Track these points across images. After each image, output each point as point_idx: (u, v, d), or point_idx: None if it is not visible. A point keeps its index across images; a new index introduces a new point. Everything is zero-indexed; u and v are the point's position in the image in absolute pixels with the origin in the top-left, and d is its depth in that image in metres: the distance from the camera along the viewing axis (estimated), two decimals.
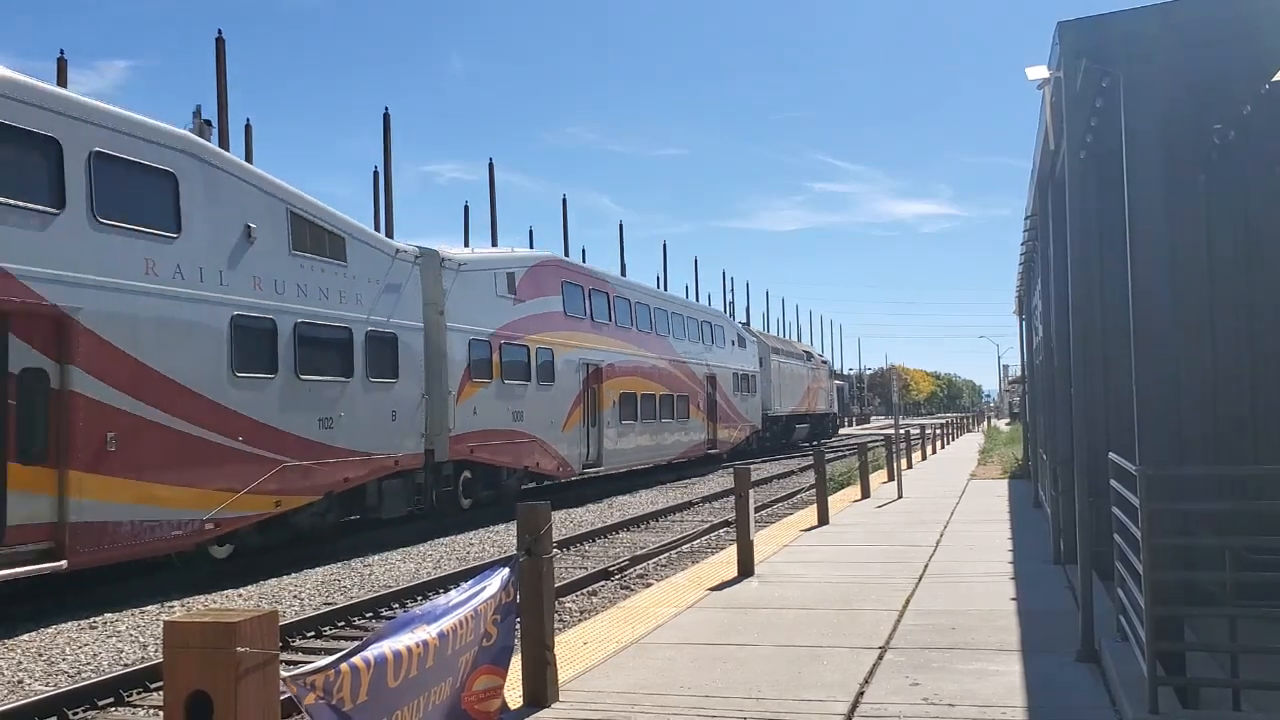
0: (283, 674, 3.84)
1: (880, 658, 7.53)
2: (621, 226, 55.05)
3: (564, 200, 52.15)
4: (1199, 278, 8.29)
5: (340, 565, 15.96)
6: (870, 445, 25.50)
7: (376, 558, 16.70)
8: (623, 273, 49.94)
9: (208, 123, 17.49)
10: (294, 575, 15.03)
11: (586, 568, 15.10)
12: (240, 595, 13.59)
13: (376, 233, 20.48)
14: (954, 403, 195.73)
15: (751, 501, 11.87)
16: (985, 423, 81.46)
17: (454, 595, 5.55)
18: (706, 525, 19.61)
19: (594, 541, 18.39)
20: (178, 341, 14.01)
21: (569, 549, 17.26)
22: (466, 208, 43.78)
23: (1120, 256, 6.77)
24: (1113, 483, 6.65)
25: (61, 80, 25.95)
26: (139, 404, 13.35)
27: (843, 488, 24.00)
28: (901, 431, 26.80)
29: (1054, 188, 10.12)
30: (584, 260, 39.08)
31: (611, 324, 28.88)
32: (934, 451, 39.81)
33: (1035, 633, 8.19)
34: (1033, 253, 15.21)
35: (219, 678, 3.49)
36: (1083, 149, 7.88)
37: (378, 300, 18.33)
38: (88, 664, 10.07)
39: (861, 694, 6.60)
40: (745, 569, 11.36)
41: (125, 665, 9.85)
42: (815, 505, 16.78)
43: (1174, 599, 5.77)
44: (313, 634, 11.13)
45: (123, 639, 11.07)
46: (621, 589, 13.57)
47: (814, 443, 51.81)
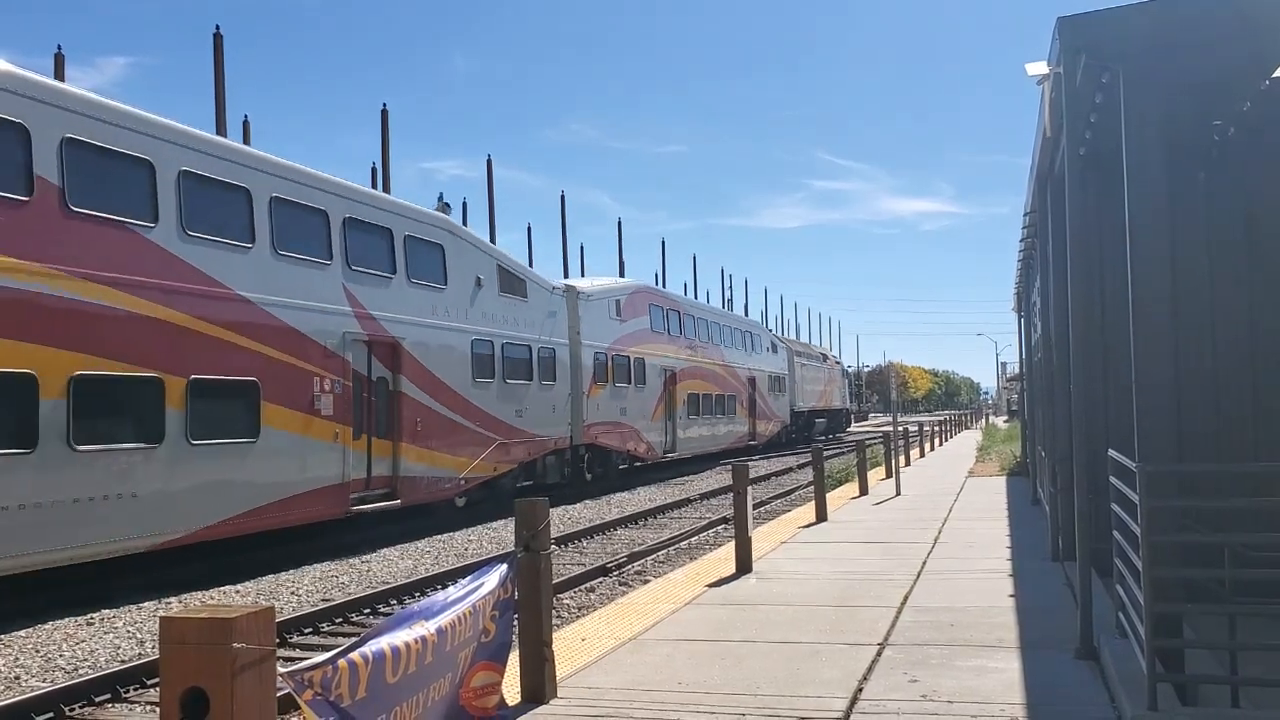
0: (280, 670, 3.82)
1: (878, 654, 7.52)
2: (620, 224, 55.11)
3: (562, 197, 52.03)
4: (1199, 274, 8.29)
5: (337, 562, 15.95)
6: (868, 442, 25.52)
7: (373, 554, 16.69)
8: (621, 270, 50.41)
9: (446, 205, 23.77)
10: (291, 572, 15.02)
11: (585, 564, 15.09)
12: (237, 591, 13.58)
13: (541, 274, 26.58)
14: (952, 400, 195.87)
15: (750, 498, 11.86)
16: (983, 420, 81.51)
17: (452, 591, 5.53)
18: (704, 522, 19.61)
19: (592, 538, 18.39)
20: (446, 358, 20.42)
21: (567, 546, 17.25)
22: (465, 204, 43.83)
23: (1120, 253, 6.75)
24: (1112, 479, 6.64)
25: (59, 75, 25.90)
26: (431, 400, 19.83)
27: (841, 485, 24.01)
28: (900, 429, 26.89)
29: (1053, 184, 10.10)
30: (582, 258, 44.13)
31: (682, 337, 35.63)
32: (932, 449, 39.84)
33: (1034, 630, 8.18)
34: (1032, 250, 15.20)
35: (215, 674, 3.47)
36: (1082, 145, 7.86)
37: (543, 325, 25.05)
38: (85, 660, 10.06)
39: (860, 691, 6.59)
40: (743, 566, 11.35)
41: (122, 661, 9.83)
42: (813, 502, 16.78)
43: (1173, 596, 5.76)
44: (310, 630, 11.12)
45: (119, 635, 11.06)
46: (620, 586, 13.56)
47: (830, 435, 59.84)
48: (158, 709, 4.79)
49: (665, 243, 58.12)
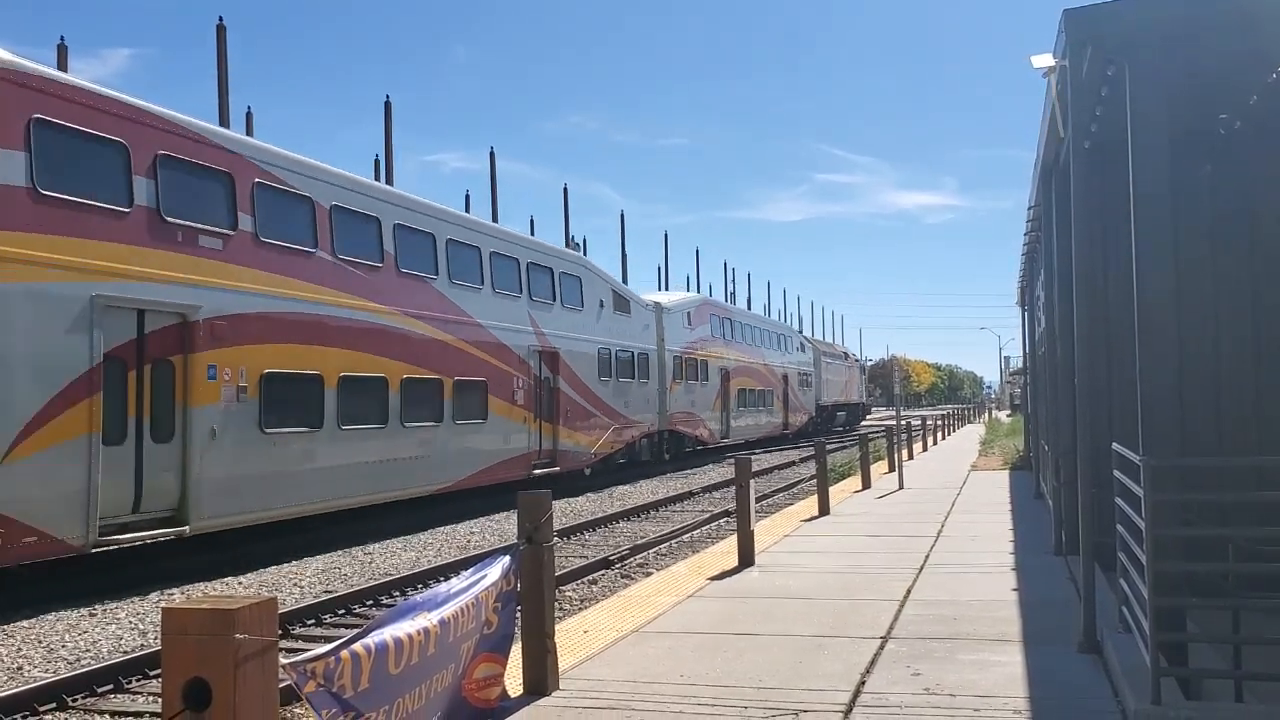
0: (282, 661, 3.82)
1: (881, 648, 7.51)
2: (623, 216, 54.95)
3: (565, 190, 52.09)
4: (1204, 268, 8.27)
5: (340, 553, 15.96)
6: (871, 436, 25.50)
7: (376, 546, 16.70)
8: (623, 262, 50.64)
9: (578, 244, 30.36)
10: (294, 563, 15.03)
11: (587, 556, 15.09)
12: (240, 583, 13.59)
13: (638, 294, 33.56)
14: (955, 394, 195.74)
15: (752, 491, 11.85)
16: (986, 414, 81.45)
17: (455, 583, 5.53)
18: (707, 515, 19.61)
19: (594, 530, 18.39)
20: (583, 362, 27.00)
21: (569, 538, 17.25)
22: (468, 196, 43.94)
23: (1124, 246, 6.73)
24: (1116, 473, 6.63)
25: (62, 67, 25.87)
26: (575, 394, 26.36)
27: (844, 478, 24.00)
28: (902, 423, 26.95)
29: (1058, 177, 10.07)
30: (585, 252, 44.99)
31: (734, 341, 42.29)
32: (935, 443, 39.81)
33: (1037, 623, 8.18)
34: (1036, 243, 15.17)
35: (217, 665, 3.47)
36: (1087, 138, 7.84)
37: (640, 334, 31.47)
38: (87, 651, 10.07)
39: (863, 684, 6.59)
40: (746, 559, 11.35)
41: (125, 652, 9.84)
42: (816, 496, 16.77)
43: (1177, 590, 5.75)
44: (313, 622, 11.12)
45: (122, 626, 11.07)
46: (622, 578, 13.56)
47: (848, 426, 65.62)
48: (160, 699, 4.79)
49: (668, 236, 58.30)
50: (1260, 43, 6.69)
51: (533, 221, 67.09)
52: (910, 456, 29.53)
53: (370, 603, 12.07)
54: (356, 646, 4.37)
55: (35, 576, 12.80)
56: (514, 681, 6.40)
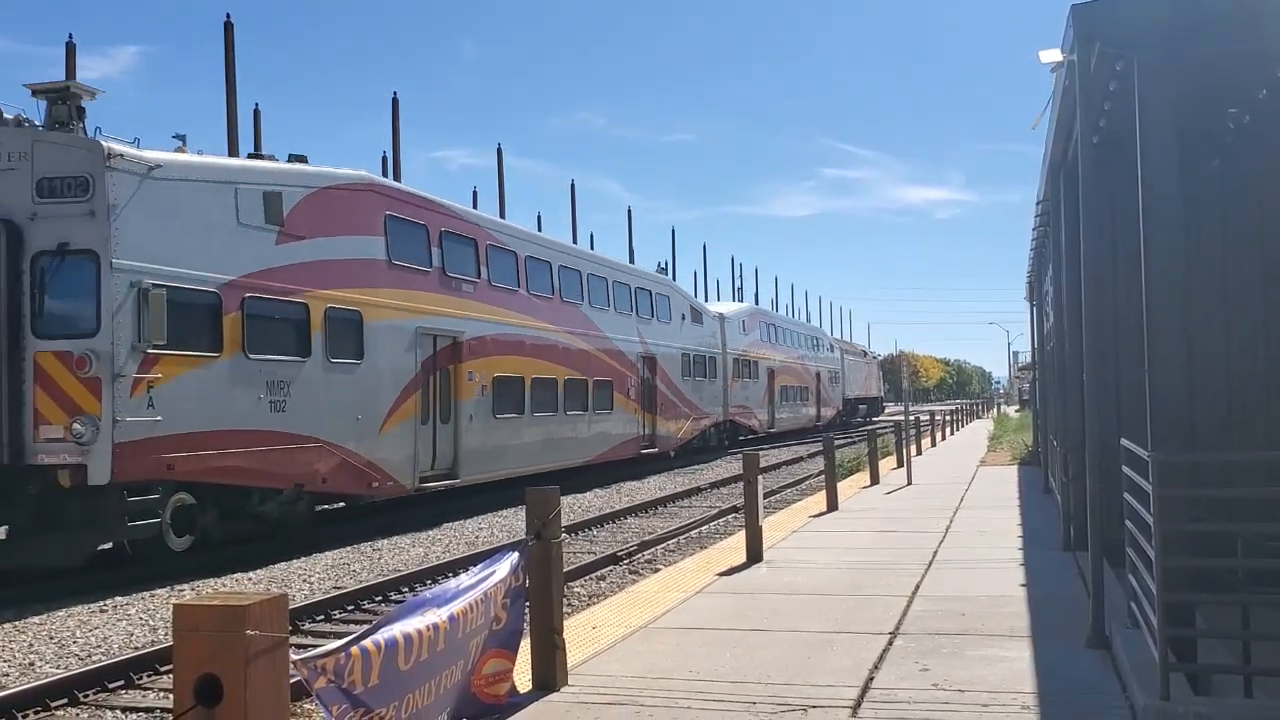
0: (293, 657, 3.84)
1: (890, 643, 7.52)
2: (630, 212, 55.06)
3: (572, 185, 51.94)
4: (1213, 263, 8.25)
5: (349, 549, 16.00)
6: (880, 432, 25.50)
7: (385, 542, 16.74)
8: (630, 259, 50.63)
9: (664, 268, 38.98)
10: (302, 560, 15.07)
11: (595, 553, 15.11)
12: (249, 579, 13.63)
13: (707, 305, 41.95)
14: (964, 389, 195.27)
15: (760, 487, 11.85)
16: (995, 409, 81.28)
17: (464, 579, 5.55)
18: (715, 511, 19.61)
19: (602, 527, 18.41)
20: (671, 364, 32.94)
21: (577, 534, 17.27)
22: (475, 193, 43.98)
23: (1133, 241, 6.72)
24: (1124, 469, 6.62)
25: (70, 64, 25.91)
26: (667, 390, 32.26)
27: (852, 474, 23.98)
28: (911, 418, 26.97)
29: (1066, 173, 10.05)
30: (592, 246, 47.03)
31: (778, 344, 48.25)
32: (943, 438, 39.75)
33: (1045, 619, 8.17)
34: (1044, 238, 15.14)
35: (228, 661, 3.49)
36: (1096, 133, 7.82)
37: (708, 340, 37.56)
38: (98, 647, 10.11)
39: (871, 679, 6.59)
40: (754, 555, 11.35)
41: (135, 648, 9.88)
42: (824, 491, 16.77)
43: (1185, 585, 5.74)
44: (322, 618, 11.16)
45: (133, 622, 11.11)
46: (630, 574, 13.57)
47: (868, 419, 70.05)
48: (171, 695, 4.81)
49: (675, 231, 58.53)
50: (1268, 38, 6.66)
51: (540, 218, 67.02)
52: (919, 452, 29.50)
53: (379, 599, 12.10)
54: (366, 643, 4.38)
55: (45, 575, 12.86)
56: (523, 677, 6.42)
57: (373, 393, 17.56)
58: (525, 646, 6.47)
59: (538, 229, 37.59)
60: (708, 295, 61.90)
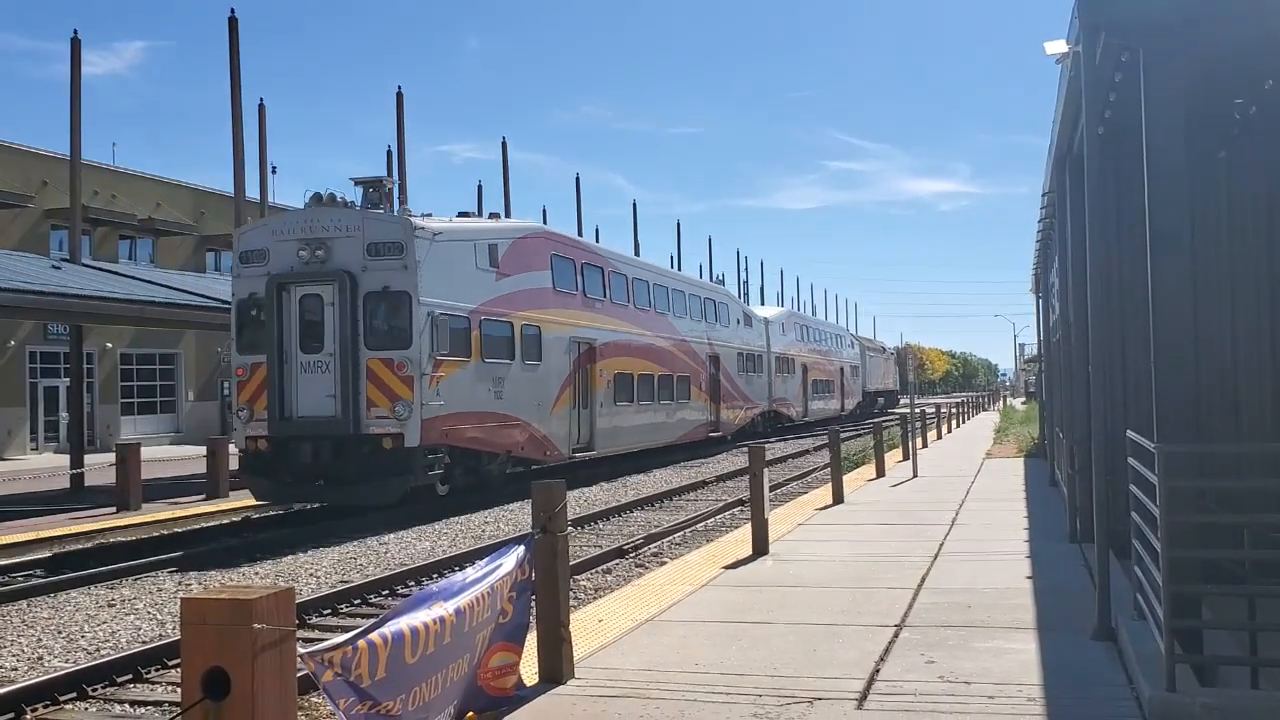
0: (300, 650, 3.85)
1: (896, 636, 7.52)
2: (635, 205, 55.11)
3: (577, 179, 52.02)
4: (1219, 254, 8.22)
5: (356, 543, 16.03)
6: (885, 424, 25.49)
7: (391, 536, 16.77)
8: (636, 251, 50.81)
9: (721, 280, 56.03)
10: (310, 553, 15.10)
11: (601, 546, 15.12)
12: (256, 573, 13.67)
13: (754, 309, 47.77)
14: (969, 382, 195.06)
15: (766, 480, 11.85)
16: (1001, 402, 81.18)
17: (470, 572, 5.56)
18: (720, 504, 19.62)
19: (608, 520, 18.42)
20: (731, 361, 38.42)
21: (583, 527, 17.29)
22: (480, 187, 44.12)
23: (1139, 233, 6.70)
24: (1130, 460, 6.62)
25: (75, 59, 25.94)
26: (727, 384, 37.51)
27: (857, 466, 23.98)
28: (917, 410, 26.98)
29: (1072, 165, 10.03)
30: (598, 239, 47.90)
31: (810, 342, 54.18)
32: (949, 430, 39.72)
33: (1051, 611, 8.17)
34: (1050, 230, 15.11)
35: (236, 654, 3.50)
36: (1101, 125, 7.80)
37: (756, 340, 43.15)
38: (106, 641, 10.14)
39: (877, 671, 6.60)
40: (760, 547, 11.36)
41: (143, 642, 9.90)
42: (830, 484, 16.77)
43: (1192, 577, 5.74)
44: (329, 612, 11.18)
45: (140, 616, 11.15)
46: (636, 567, 13.58)
47: (885, 410, 74.79)
48: (179, 689, 4.84)
49: (680, 225, 58.60)
50: (1275, 28, 6.63)
51: (545, 212, 67.10)
52: (924, 444, 29.48)
53: (386, 592, 12.12)
54: (373, 636, 4.40)
55: (61, 561, 12.88)
56: (529, 670, 6.43)
57: (547, 385, 23.82)
58: (531, 640, 6.49)
59: (543, 222, 39.53)
60: None
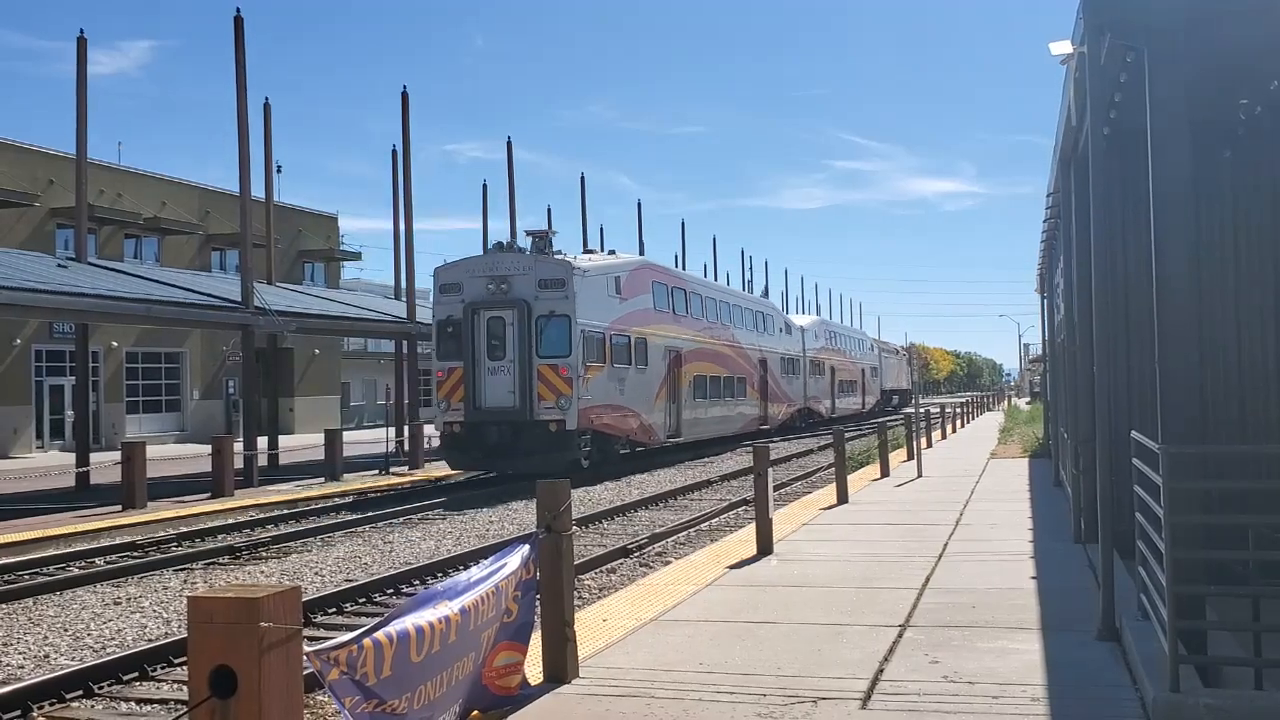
0: (306, 649, 3.87)
1: (900, 636, 7.53)
2: (640, 205, 55.02)
3: (582, 179, 52.16)
4: (1224, 255, 8.22)
5: (361, 542, 16.06)
6: (890, 424, 25.49)
7: (396, 535, 16.80)
8: (640, 251, 50.85)
9: (766, 292, 63.98)
10: (315, 552, 15.13)
11: (606, 545, 15.13)
12: (262, 572, 13.70)
13: (793, 318, 54.56)
14: (974, 381, 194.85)
15: (770, 480, 11.86)
16: (1006, 402, 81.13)
17: (475, 572, 5.57)
18: (725, 504, 19.62)
19: (613, 519, 18.43)
20: (775, 364, 44.54)
21: (588, 527, 17.30)
22: (485, 186, 44.18)
23: (1144, 234, 6.71)
24: (1135, 461, 6.62)
25: (81, 60, 25.99)
26: (773, 384, 43.71)
27: (862, 466, 23.97)
28: (921, 410, 27.00)
29: (1077, 165, 10.02)
30: (601, 237, 53.55)
31: (836, 346, 60.02)
32: (954, 430, 39.70)
33: (1056, 611, 8.18)
34: (1055, 230, 15.10)
35: (243, 653, 3.52)
36: (1106, 125, 7.80)
37: (793, 345, 48.46)
38: (112, 639, 10.17)
39: (881, 672, 6.61)
40: (764, 547, 11.37)
41: (150, 640, 9.93)
42: (834, 484, 16.77)
43: (1196, 578, 5.75)
44: (334, 610, 11.20)
45: (146, 615, 11.18)
46: (641, 567, 13.59)
47: (899, 409, 77.99)
48: (186, 687, 4.85)
49: (685, 224, 59.12)
50: (1279, 28, 6.64)
51: (550, 211, 67.39)
52: (929, 444, 29.46)
53: (391, 592, 12.14)
54: (379, 635, 4.41)
55: (63, 558, 12.92)
56: (534, 669, 6.45)
57: (651, 385, 30.27)
58: (536, 639, 6.50)
59: (547, 224, 48.57)
60: None
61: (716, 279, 66.29)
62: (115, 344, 42.92)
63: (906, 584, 9.45)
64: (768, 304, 50.20)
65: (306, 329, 31.45)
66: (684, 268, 59.66)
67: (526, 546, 6.20)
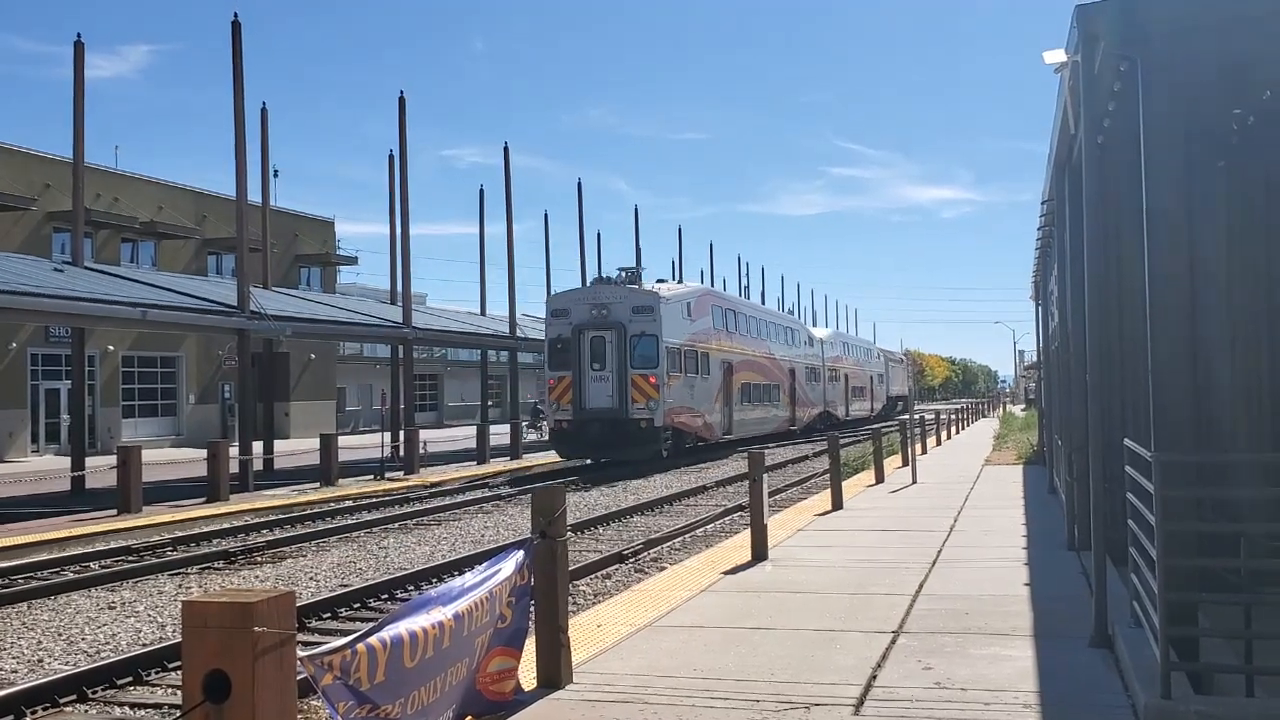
0: (300, 654, 3.88)
1: (893, 642, 7.55)
2: (637, 211, 55.17)
3: (579, 184, 51.94)
4: (1217, 264, 8.24)
5: (355, 548, 16.06)
6: (885, 430, 25.51)
7: (391, 540, 16.80)
8: (637, 258, 51.33)
9: (793, 311, 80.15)
10: (309, 557, 15.13)
11: (600, 551, 15.15)
12: (256, 576, 13.70)
13: (813, 331, 59.46)
14: (969, 388, 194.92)
15: (765, 486, 11.88)
16: (1000, 408, 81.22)
17: (469, 577, 5.58)
18: (720, 509, 19.63)
19: (608, 525, 18.44)
20: (801, 372, 50.59)
21: (583, 532, 17.31)
22: (481, 191, 43.97)
23: (1137, 242, 6.74)
24: (1127, 468, 6.64)
25: (79, 63, 26.00)
26: (799, 388, 49.72)
27: (857, 473, 23.99)
28: (916, 416, 27.03)
29: (1071, 173, 10.06)
30: (599, 244, 60.85)
31: (849, 355, 65.37)
32: (949, 437, 39.73)
33: (1048, 618, 8.20)
34: (1049, 238, 15.13)
35: (236, 657, 3.53)
36: (1100, 134, 7.83)
37: (815, 355, 54.43)
38: (106, 644, 10.17)
39: (874, 678, 6.63)
40: (759, 553, 11.39)
41: (144, 645, 9.93)
42: (829, 490, 16.79)
43: (1188, 585, 5.76)
44: (329, 615, 11.21)
45: (140, 619, 11.18)
46: (635, 572, 13.60)
47: (903, 414, 79.84)
48: (180, 692, 4.85)
49: (682, 230, 59.50)
50: (1273, 39, 6.67)
51: (547, 217, 67.28)
52: (924, 450, 29.49)
53: (385, 597, 12.15)
54: (372, 640, 4.42)
55: (56, 562, 12.92)
56: (528, 675, 6.46)
57: (712, 390, 36.24)
58: (530, 645, 6.51)
59: (545, 230, 54.09)
60: None
61: (713, 285, 67.33)
62: (111, 348, 42.90)
63: (900, 590, 9.47)
64: (794, 320, 59.10)
65: (302, 333, 31.40)
66: (681, 274, 61.65)
67: (521, 552, 6.21)
